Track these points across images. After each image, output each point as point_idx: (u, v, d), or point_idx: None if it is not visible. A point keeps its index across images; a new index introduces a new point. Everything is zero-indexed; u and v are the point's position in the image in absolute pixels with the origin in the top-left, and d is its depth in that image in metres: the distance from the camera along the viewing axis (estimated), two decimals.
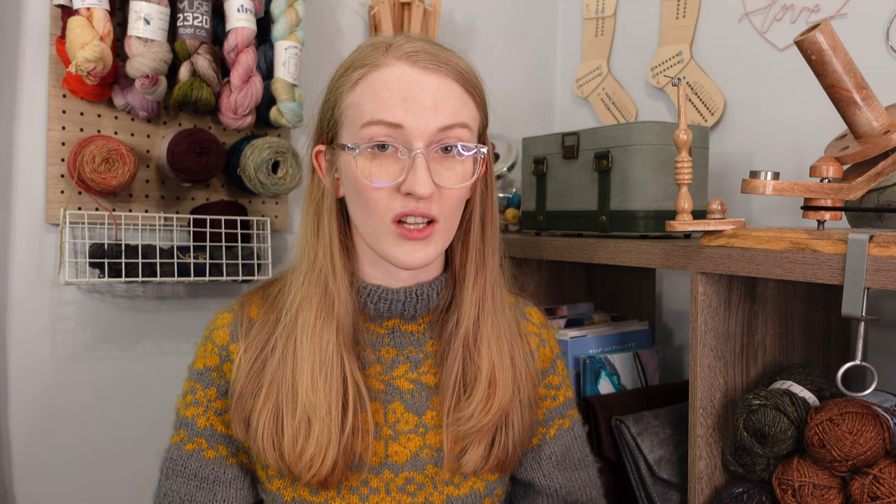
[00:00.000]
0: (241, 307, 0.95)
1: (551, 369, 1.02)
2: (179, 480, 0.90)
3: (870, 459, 0.87)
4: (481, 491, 0.93)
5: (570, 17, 1.94)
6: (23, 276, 1.27)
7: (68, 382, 1.31)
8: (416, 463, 0.90)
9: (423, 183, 0.80)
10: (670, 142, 1.21)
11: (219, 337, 0.93)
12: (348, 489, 0.88)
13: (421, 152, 0.81)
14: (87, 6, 1.15)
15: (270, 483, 0.90)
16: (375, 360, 0.92)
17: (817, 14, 1.37)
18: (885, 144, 0.87)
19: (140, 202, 1.35)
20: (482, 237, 0.93)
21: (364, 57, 0.85)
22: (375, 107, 0.82)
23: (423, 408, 0.92)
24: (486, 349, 0.91)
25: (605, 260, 1.16)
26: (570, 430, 1.02)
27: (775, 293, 1.10)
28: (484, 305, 0.92)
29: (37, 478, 1.28)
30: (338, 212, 0.90)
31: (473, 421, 0.88)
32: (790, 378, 1.00)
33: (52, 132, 1.26)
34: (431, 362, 0.94)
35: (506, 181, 1.62)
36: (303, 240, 0.92)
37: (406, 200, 0.82)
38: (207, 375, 0.93)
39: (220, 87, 1.30)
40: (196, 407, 0.92)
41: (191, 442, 0.91)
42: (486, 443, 0.90)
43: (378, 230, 0.84)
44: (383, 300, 0.90)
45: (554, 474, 0.99)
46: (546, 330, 1.04)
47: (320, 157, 0.91)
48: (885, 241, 0.81)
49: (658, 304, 1.67)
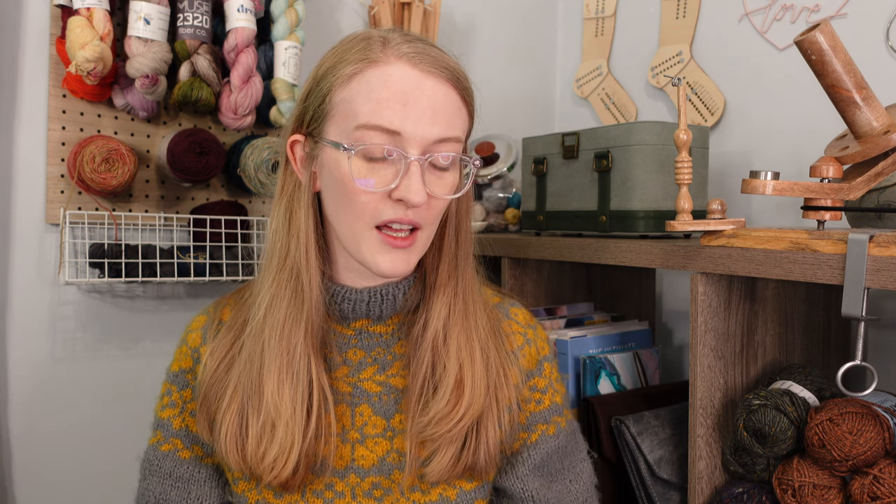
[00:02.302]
0: (215, 309, 0.95)
1: (537, 371, 0.96)
2: (155, 480, 0.91)
3: (870, 459, 0.87)
4: (452, 499, 0.89)
5: (570, 17, 1.94)
6: (23, 276, 1.27)
7: (68, 382, 1.31)
8: (382, 467, 0.88)
9: (417, 192, 0.79)
10: (670, 142, 1.21)
11: (192, 339, 0.93)
12: (312, 493, 0.87)
13: (416, 160, 0.79)
14: (87, 6, 1.15)
15: (236, 485, 0.90)
16: (342, 362, 0.90)
17: (817, 14, 1.37)
18: (885, 144, 0.87)
19: (140, 202, 1.35)
20: (456, 243, 0.91)
21: (359, 50, 0.82)
22: (373, 109, 0.79)
23: (391, 411, 0.89)
24: (454, 352, 0.87)
25: (605, 260, 1.16)
26: (555, 438, 0.95)
27: (775, 293, 1.10)
28: (455, 309, 0.89)
29: (36, 478, 1.28)
30: (314, 207, 0.87)
31: (436, 426, 0.85)
32: (790, 378, 1.00)
33: (52, 132, 1.26)
34: (401, 364, 0.91)
35: (506, 181, 1.62)
36: (273, 235, 0.88)
37: (396, 207, 0.80)
38: (182, 377, 0.93)
39: (220, 87, 1.30)
40: (172, 408, 0.93)
41: (167, 443, 0.92)
42: (454, 449, 0.86)
43: (359, 233, 0.82)
44: (347, 300, 0.89)
45: (528, 479, 0.93)
46: (533, 330, 0.98)
47: (296, 148, 0.87)
48: (885, 241, 0.81)
49: (658, 304, 1.67)
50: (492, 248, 1.36)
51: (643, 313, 1.53)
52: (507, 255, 1.36)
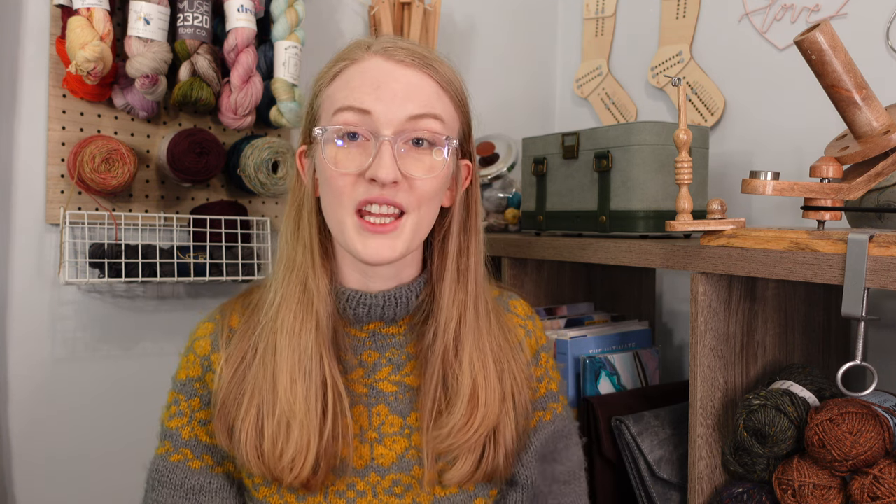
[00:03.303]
0: (223, 316, 0.94)
1: (534, 361, 0.99)
2: (165, 492, 0.90)
3: (870, 459, 0.87)
4: (471, 490, 0.91)
5: (570, 17, 1.94)
6: (23, 276, 1.27)
7: (68, 382, 1.31)
8: (402, 465, 0.89)
9: (387, 168, 0.79)
10: (670, 142, 1.21)
11: (200, 347, 0.92)
12: (334, 493, 0.87)
13: (388, 139, 0.80)
14: (87, 6, 1.15)
15: (257, 491, 0.89)
16: (357, 364, 0.91)
17: (817, 14, 1.37)
18: (885, 144, 0.87)
19: (140, 202, 1.35)
20: (464, 248, 0.91)
21: (345, 53, 0.87)
22: (346, 94, 0.83)
23: (407, 409, 0.91)
24: (467, 365, 0.88)
25: (605, 260, 1.16)
26: (551, 423, 0.98)
27: (775, 293, 1.10)
28: (466, 319, 0.90)
29: (36, 477, 1.28)
30: (317, 211, 0.89)
31: (452, 439, 0.86)
32: (790, 378, 1.00)
33: (52, 132, 1.26)
34: (414, 363, 0.92)
35: (506, 181, 1.62)
36: (283, 242, 0.91)
37: (370, 187, 0.81)
38: (190, 386, 0.92)
39: (220, 87, 1.30)
40: (180, 418, 0.92)
41: (176, 453, 0.91)
42: (473, 458, 0.88)
43: (343, 221, 0.83)
44: (362, 305, 0.89)
45: (533, 467, 0.96)
46: (532, 321, 1.01)
47: (303, 157, 0.90)
48: (885, 241, 0.81)
49: (658, 304, 1.67)
50: (492, 248, 1.36)
51: (643, 313, 1.53)
52: (507, 255, 1.36)
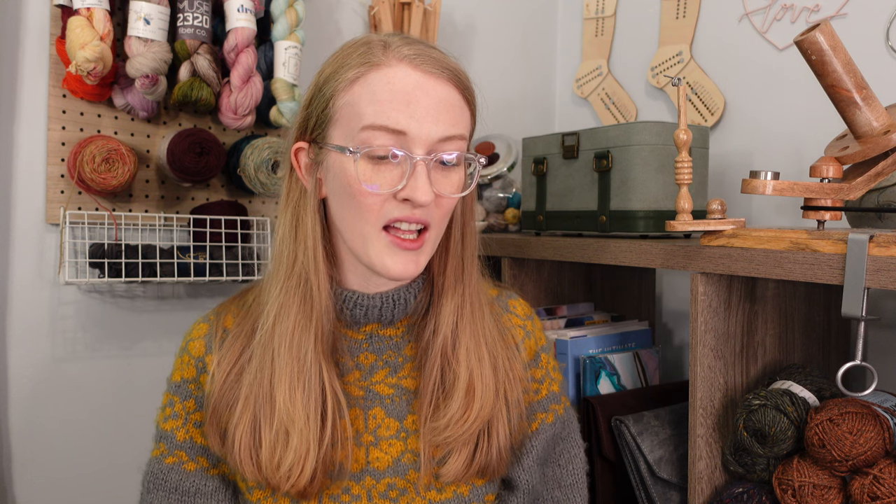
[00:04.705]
0: (217, 317, 0.94)
1: (534, 362, 0.98)
2: (161, 494, 0.89)
3: (870, 459, 0.87)
4: (466, 495, 0.90)
5: (570, 17, 1.94)
6: (23, 276, 1.27)
7: (68, 382, 1.32)
8: (397, 468, 0.89)
9: (424, 191, 0.79)
10: (670, 142, 1.21)
11: (194, 348, 0.92)
12: (329, 497, 0.87)
13: (422, 159, 0.80)
14: (87, 6, 1.15)
15: (250, 494, 0.89)
16: (354, 366, 0.90)
17: (817, 14, 1.37)
18: (885, 144, 0.87)
19: (140, 202, 1.35)
20: (462, 245, 0.91)
21: (360, 55, 0.83)
22: (377, 110, 0.80)
23: (403, 412, 0.90)
24: (464, 357, 0.88)
25: (604, 260, 1.16)
26: (552, 426, 0.98)
27: (775, 293, 1.10)
28: (463, 313, 0.90)
29: (36, 477, 1.28)
30: (320, 213, 0.87)
31: (450, 430, 0.86)
32: (790, 378, 1.00)
33: (52, 132, 1.26)
34: (411, 366, 0.92)
35: (506, 181, 1.62)
36: (280, 243, 0.88)
37: (402, 206, 0.81)
38: (185, 388, 0.91)
39: (220, 87, 1.30)
40: (175, 420, 0.91)
41: (171, 455, 0.90)
42: (467, 451, 0.88)
43: (367, 235, 0.82)
44: (360, 306, 0.89)
45: (534, 471, 0.96)
46: (531, 322, 1.01)
47: (300, 155, 0.87)
48: (885, 241, 0.81)
49: (658, 304, 1.67)
50: (492, 248, 1.36)
51: (643, 313, 1.53)
52: (507, 255, 1.36)
